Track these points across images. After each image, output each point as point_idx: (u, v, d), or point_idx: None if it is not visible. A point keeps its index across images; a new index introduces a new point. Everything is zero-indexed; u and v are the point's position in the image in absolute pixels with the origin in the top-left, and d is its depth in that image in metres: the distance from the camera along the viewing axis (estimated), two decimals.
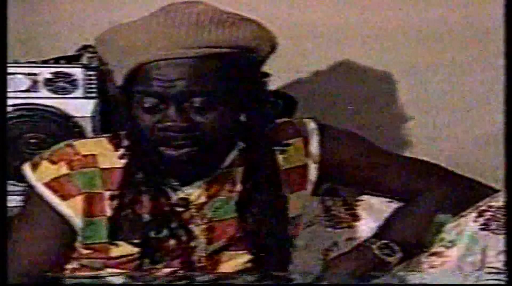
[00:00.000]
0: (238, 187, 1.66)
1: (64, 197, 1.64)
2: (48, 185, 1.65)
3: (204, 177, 1.65)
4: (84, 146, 1.68)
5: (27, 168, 1.69)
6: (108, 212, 1.64)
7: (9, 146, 2.01)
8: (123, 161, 1.66)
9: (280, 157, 1.70)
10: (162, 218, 1.63)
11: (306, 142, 1.72)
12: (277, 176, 1.68)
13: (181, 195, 1.65)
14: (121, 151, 1.67)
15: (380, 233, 1.71)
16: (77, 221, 1.65)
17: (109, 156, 1.67)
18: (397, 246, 1.66)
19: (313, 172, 1.73)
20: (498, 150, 1.69)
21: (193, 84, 1.55)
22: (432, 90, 2.20)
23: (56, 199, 1.64)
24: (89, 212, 1.64)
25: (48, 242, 1.67)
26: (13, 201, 1.93)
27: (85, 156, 1.66)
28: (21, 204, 1.77)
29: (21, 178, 2.03)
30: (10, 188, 1.98)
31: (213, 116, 1.57)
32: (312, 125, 1.74)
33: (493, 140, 2.08)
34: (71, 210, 1.64)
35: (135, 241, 1.64)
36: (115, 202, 1.64)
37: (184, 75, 1.55)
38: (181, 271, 1.64)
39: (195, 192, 1.65)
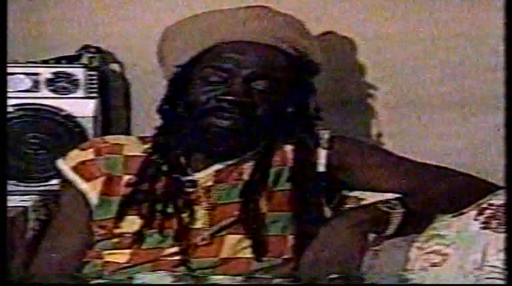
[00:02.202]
0: (246, 176, 1.75)
1: (87, 179, 1.78)
2: (74, 168, 1.80)
3: (225, 160, 1.76)
4: (114, 138, 1.87)
5: (59, 159, 1.84)
6: (122, 193, 1.75)
7: (10, 146, 2.01)
8: (146, 146, 1.80)
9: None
10: (170, 195, 1.73)
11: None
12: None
13: (190, 178, 1.76)
14: (147, 145, 1.81)
15: None
16: (94, 199, 1.77)
17: (134, 147, 1.83)
18: (397, 201, 1.68)
19: (322, 164, 1.80)
20: (498, 149, 1.68)
21: (262, 68, 1.74)
22: (432, 89, 2.19)
23: (79, 180, 1.79)
24: (106, 192, 1.76)
25: (79, 231, 1.78)
26: (13, 201, 1.94)
27: (112, 144, 1.82)
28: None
29: (21, 178, 2.05)
30: (10, 188, 1.99)
31: (269, 99, 1.74)
32: (325, 132, 1.84)
33: (493, 139, 2.07)
34: (91, 189, 1.77)
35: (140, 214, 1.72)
36: (131, 184, 1.76)
37: (256, 58, 1.74)
38: (182, 254, 1.67)
39: (204, 177, 1.75)
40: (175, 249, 1.68)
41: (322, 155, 1.80)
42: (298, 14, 1.86)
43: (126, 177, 1.77)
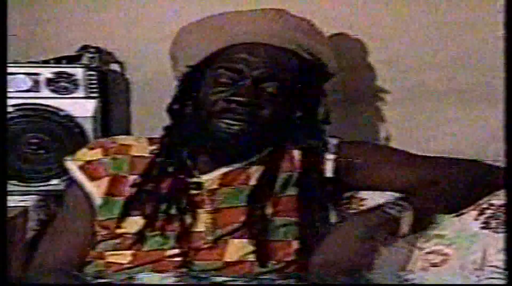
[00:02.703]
0: (253, 181, 1.73)
1: (93, 178, 1.78)
2: (81, 167, 1.79)
3: (232, 163, 1.75)
4: (122, 138, 1.86)
5: (67, 158, 1.83)
6: (127, 193, 1.75)
7: (9, 146, 2.01)
8: (153, 147, 1.80)
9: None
10: (174, 196, 1.72)
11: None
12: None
13: (196, 180, 1.74)
14: (155, 146, 1.80)
15: None
16: (98, 199, 1.76)
17: (142, 148, 1.82)
18: (405, 203, 1.66)
19: (329, 170, 1.78)
20: (498, 148, 1.68)
21: (272, 70, 1.73)
22: (431, 88, 2.19)
23: (85, 179, 1.78)
24: (110, 192, 1.76)
25: (80, 230, 1.78)
26: (13, 201, 1.94)
27: (120, 145, 1.82)
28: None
29: (21, 178, 2.05)
30: (10, 188, 1.99)
31: (278, 102, 1.73)
32: (334, 139, 1.83)
33: (493, 138, 2.07)
34: (95, 189, 1.76)
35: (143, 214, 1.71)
36: (135, 184, 1.75)
37: (267, 60, 1.74)
38: (183, 256, 1.67)
39: (209, 179, 1.74)
40: (176, 251, 1.68)
41: (329, 160, 1.78)
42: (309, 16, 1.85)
43: (132, 178, 1.77)
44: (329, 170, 1.78)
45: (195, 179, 1.75)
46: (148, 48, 2.18)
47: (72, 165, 1.80)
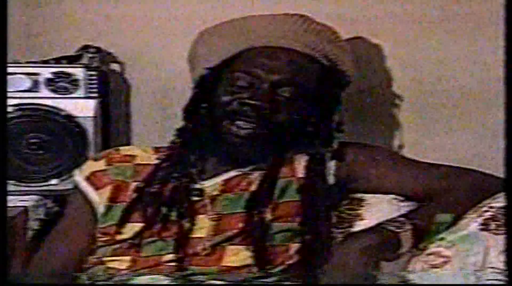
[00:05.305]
0: (253, 187, 1.73)
1: (97, 188, 1.78)
2: (87, 178, 1.81)
3: (235, 169, 1.74)
4: (128, 149, 1.87)
5: (75, 170, 1.86)
6: (128, 199, 1.75)
7: (9, 146, 2.01)
8: (158, 156, 1.80)
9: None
10: (175, 201, 1.72)
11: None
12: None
13: (198, 186, 1.74)
14: (161, 154, 1.81)
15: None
16: (101, 208, 1.76)
17: (146, 156, 1.83)
18: (405, 220, 1.65)
19: (331, 176, 1.78)
20: (498, 150, 1.68)
21: (291, 74, 1.73)
22: (431, 88, 2.18)
23: (89, 189, 1.79)
24: (113, 199, 1.76)
25: (79, 239, 1.78)
26: (13, 201, 1.94)
27: (125, 155, 1.83)
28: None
29: (21, 178, 2.05)
30: (10, 188, 1.99)
31: (294, 107, 1.73)
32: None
33: (492, 139, 2.07)
34: (99, 198, 1.77)
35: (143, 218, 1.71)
36: (137, 189, 1.75)
37: (286, 64, 1.73)
38: (180, 262, 1.66)
39: (211, 186, 1.73)
40: (173, 256, 1.67)
41: (331, 166, 1.78)
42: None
43: (134, 184, 1.77)
44: (331, 176, 1.77)
45: (197, 186, 1.75)
46: (148, 48, 2.18)
47: (78, 177, 1.82)
